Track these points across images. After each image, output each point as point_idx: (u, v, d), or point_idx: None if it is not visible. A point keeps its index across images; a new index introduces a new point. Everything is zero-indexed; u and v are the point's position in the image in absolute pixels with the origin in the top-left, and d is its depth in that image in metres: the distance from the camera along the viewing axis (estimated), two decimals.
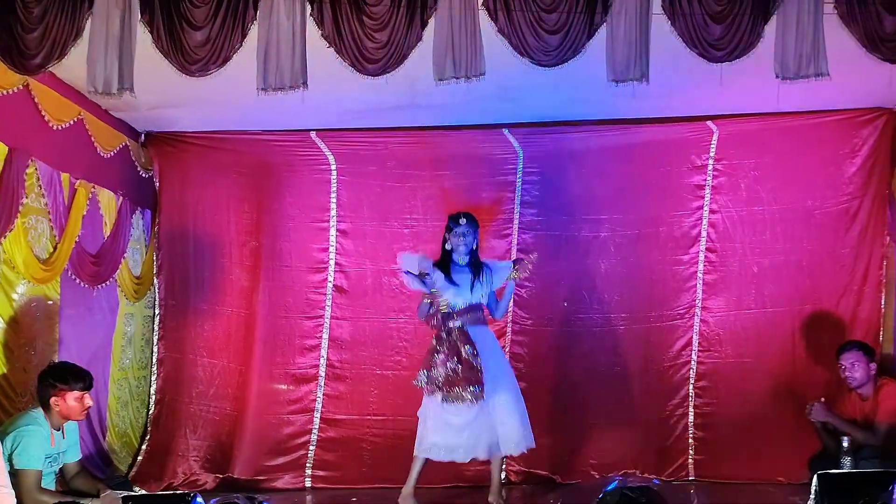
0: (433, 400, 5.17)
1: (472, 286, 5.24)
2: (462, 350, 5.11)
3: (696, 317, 6.30)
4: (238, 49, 4.24)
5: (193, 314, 6.44)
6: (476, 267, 5.29)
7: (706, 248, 6.31)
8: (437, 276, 5.21)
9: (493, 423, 5.15)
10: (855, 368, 5.45)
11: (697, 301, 6.31)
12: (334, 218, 6.48)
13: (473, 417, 5.10)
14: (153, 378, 6.41)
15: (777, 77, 4.00)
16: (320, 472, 6.23)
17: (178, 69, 4.28)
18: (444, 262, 5.29)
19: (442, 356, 5.12)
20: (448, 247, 5.31)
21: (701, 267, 6.30)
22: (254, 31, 4.23)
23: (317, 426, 6.33)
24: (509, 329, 6.34)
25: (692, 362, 6.30)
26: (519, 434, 5.18)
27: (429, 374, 5.15)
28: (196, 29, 4.23)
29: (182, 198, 6.50)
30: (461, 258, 5.29)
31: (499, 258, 6.30)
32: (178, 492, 5.34)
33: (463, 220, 5.29)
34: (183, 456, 6.21)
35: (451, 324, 5.18)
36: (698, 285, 6.30)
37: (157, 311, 6.47)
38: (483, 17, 4.13)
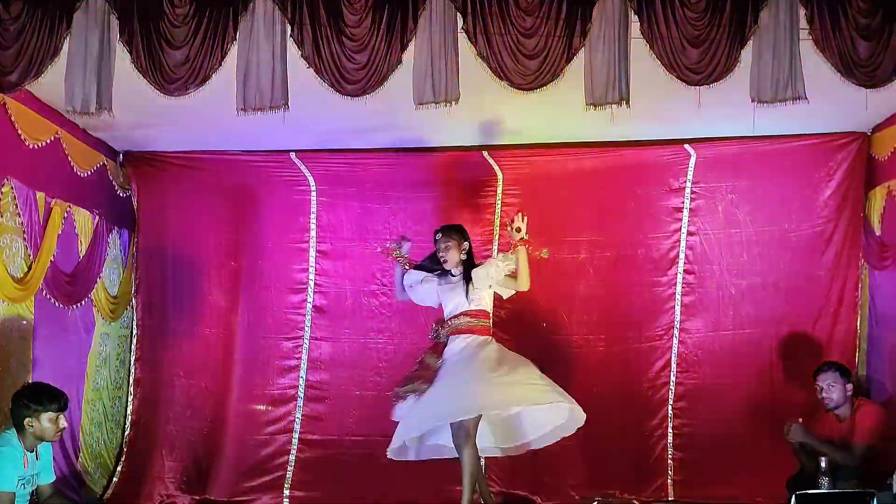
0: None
1: (467, 292, 5.22)
2: (426, 355, 5.18)
3: (674, 338, 6.32)
4: (217, 69, 4.24)
5: (171, 334, 6.41)
6: (468, 274, 5.26)
7: (684, 270, 6.34)
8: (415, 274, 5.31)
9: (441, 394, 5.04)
10: (832, 389, 5.48)
11: (676, 322, 6.33)
12: (314, 238, 6.47)
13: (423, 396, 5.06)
14: (129, 398, 6.36)
15: (753, 101, 4.04)
16: (298, 493, 6.19)
17: (157, 88, 4.28)
18: (436, 268, 5.30)
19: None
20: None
21: (679, 289, 6.33)
22: (234, 51, 4.23)
23: (295, 447, 6.30)
24: None
25: (671, 383, 6.31)
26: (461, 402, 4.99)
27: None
28: (175, 48, 4.23)
29: (160, 218, 6.47)
30: (454, 269, 5.30)
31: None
32: None
33: (439, 235, 5.32)
34: (159, 477, 6.16)
35: (439, 332, 5.23)
36: (677, 307, 6.33)
37: (134, 331, 6.43)
38: (462, 41, 4.15)
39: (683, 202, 6.34)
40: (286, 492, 6.20)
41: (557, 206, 6.37)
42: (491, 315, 5.38)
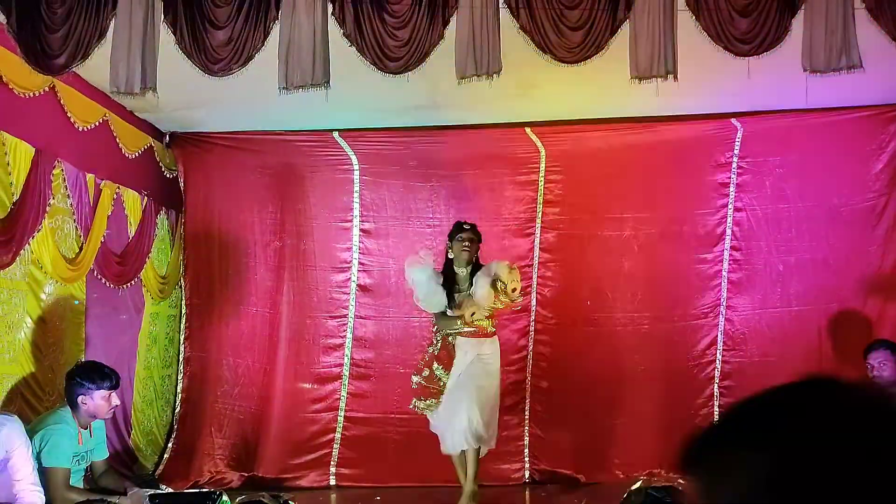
0: None
1: (463, 295, 5.19)
2: (434, 366, 5.23)
3: (720, 315, 6.26)
4: (260, 48, 4.25)
5: (218, 314, 6.48)
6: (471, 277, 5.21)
7: (731, 247, 6.26)
8: (438, 290, 5.20)
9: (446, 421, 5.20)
10: (883, 367, 5.39)
11: (722, 300, 6.26)
12: (357, 217, 6.50)
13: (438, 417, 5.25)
14: (179, 377, 6.45)
15: (806, 71, 3.95)
16: (344, 471, 6.25)
17: (201, 69, 4.30)
18: (448, 275, 5.24)
19: (422, 365, 5.33)
20: (450, 255, 5.28)
21: (725, 265, 6.26)
22: (276, 30, 4.24)
23: (341, 424, 6.35)
24: (532, 328, 6.33)
25: (717, 361, 6.25)
26: (453, 438, 5.14)
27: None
28: (218, 28, 4.24)
29: (207, 198, 6.54)
30: (461, 269, 5.24)
31: (521, 257, 6.31)
32: (204, 490, 5.37)
33: (467, 227, 5.29)
34: (209, 454, 6.25)
35: (439, 336, 5.24)
36: (723, 284, 6.26)
37: (182, 311, 6.51)
38: (504, 14, 4.12)
39: (730, 177, 6.25)
40: (332, 469, 6.26)
41: (601, 182, 6.32)
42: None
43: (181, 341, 6.48)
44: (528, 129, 6.30)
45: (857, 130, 6.07)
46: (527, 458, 6.22)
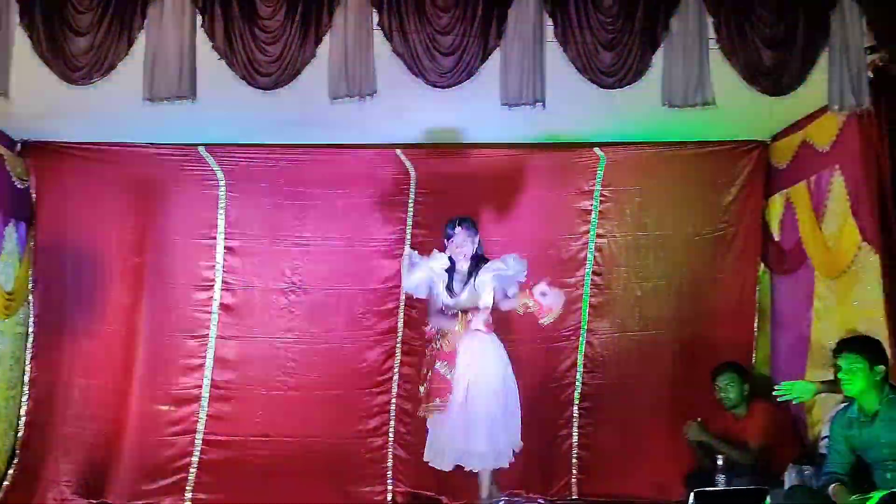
0: None
1: (463, 290, 5.36)
2: (436, 363, 5.28)
3: (581, 338, 6.43)
4: (124, 58, 4.11)
5: (70, 332, 6.16)
6: (474, 269, 5.39)
7: (592, 272, 6.45)
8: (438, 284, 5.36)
9: (464, 434, 5.20)
10: (729, 389, 5.69)
11: (583, 323, 6.44)
12: (222, 235, 6.34)
13: (446, 426, 5.23)
14: (23, 399, 6.09)
15: (665, 105, 4.14)
16: (201, 496, 6.05)
17: (60, 77, 4.13)
18: (448, 270, 5.42)
19: (424, 369, 5.40)
20: (448, 253, 5.42)
21: (587, 290, 6.44)
22: (141, 40, 4.11)
23: (199, 448, 6.15)
24: (398, 349, 6.33)
25: (577, 383, 6.41)
26: (482, 450, 5.21)
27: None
28: (79, 35, 4.09)
29: (61, 211, 6.22)
30: (461, 265, 5.41)
31: (388, 279, 6.32)
32: None
33: (457, 229, 5.40)
34: (54, 481, 5.94)
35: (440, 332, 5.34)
36: (584, 307, 6.44)
37: (30, 329, 6.16)
38: (378, 36, 4.13)
39: (593, 204, 6.46)
40: (188, 494, 6.05)
41: (470, 206, 6.36)
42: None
43: (27, 361, 6.13)
44: (398, 151, 6.32)
45: (711, 163, 6.38)
46: (389, 481, 6.20)
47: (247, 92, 4.24)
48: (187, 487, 6.07)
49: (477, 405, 5.24)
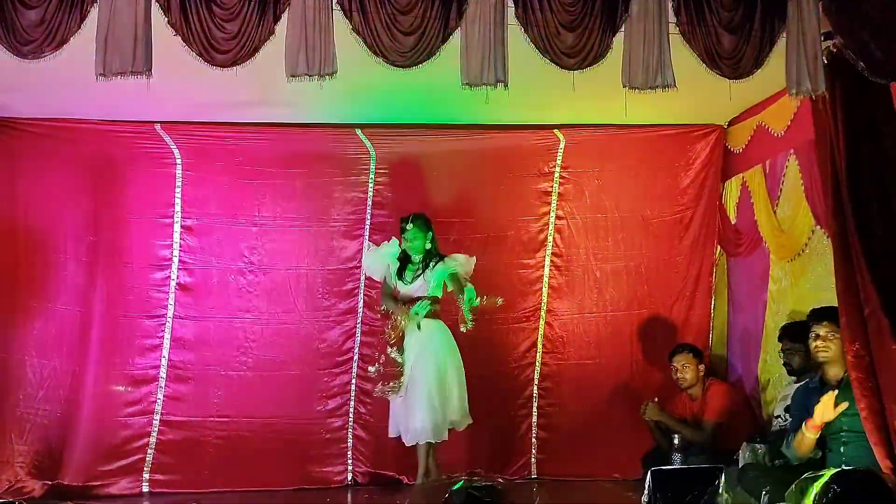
0: None
1: (415, 279, 5.64)
2: (389, 348, 5.56)
3: (541, 319, 6.47)
4: (76, 31, 4.01)
5: (23, 312, 6.04)
6: (428, 263, 5.66)
7: (552, 253, 6.49)
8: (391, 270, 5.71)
9: (403, 411, 5.56)
10: (685, 370, 5.77)
11: (543, 304, 6.48)
12: (179, 214, 6.26)
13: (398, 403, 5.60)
14: None
15: (625, 87, 4.15)
16: (159, 476, 6.03)
17: (8, 50, 4.01)
18: (403, 259, 5.71)
19: (377, 352, 5.72)
20: (402, 247, 5.70)
21: (547, 271, 6.48)
22: (94, 13, 4.02)
23: (156, 429, 6.11)
24: (358, 330, 6.32)
25: (537, 363, 6.46)
26: (417, 426, 5.47)
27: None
28: (29, 8, 3.97)
29: (11, 188, 6.07)
30: (415, 257, 5.68)
31: (349, 259, 6.31)
32: (1, 500, 5.02)
33: (409, 225, 5.64)
34: (8, 462, 5.84)
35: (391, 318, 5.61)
36: (544, 289, 6.47)
37: None
38: (338, 15, 4.09)
39: (553, 186, 6.48)
40: (146, 475, 6.03)
41: (429, 186, 6.39)
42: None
43: None
44: (358, 131, 6.28)
45: (669, 146, 6.44)
46: (350, 460, 6.22)
47: (204, 69, 4.16)
48: (145, 468, 6.04)
49: (417, 384, 5.49)
